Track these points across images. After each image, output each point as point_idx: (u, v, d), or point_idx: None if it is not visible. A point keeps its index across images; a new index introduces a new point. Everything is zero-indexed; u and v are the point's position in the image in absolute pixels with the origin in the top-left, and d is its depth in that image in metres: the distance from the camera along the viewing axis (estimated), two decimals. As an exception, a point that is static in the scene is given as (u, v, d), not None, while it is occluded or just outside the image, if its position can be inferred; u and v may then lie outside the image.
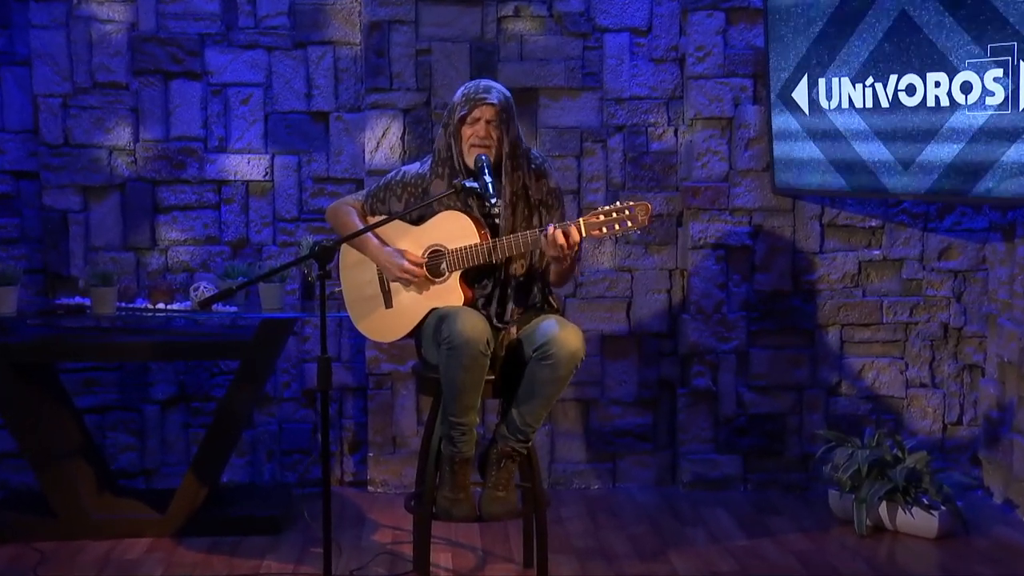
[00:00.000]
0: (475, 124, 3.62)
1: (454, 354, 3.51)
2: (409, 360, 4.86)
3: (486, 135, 3.61)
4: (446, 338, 3.52)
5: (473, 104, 3.60)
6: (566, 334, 3.54)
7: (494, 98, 3.60)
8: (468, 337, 3.49)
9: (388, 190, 3.78)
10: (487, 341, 3.51)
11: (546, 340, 3.53)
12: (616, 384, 5.00)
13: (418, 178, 3.74)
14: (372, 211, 3.82)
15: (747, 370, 4.91)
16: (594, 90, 4.90)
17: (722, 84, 4.85)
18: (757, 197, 4.89)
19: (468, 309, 3.61)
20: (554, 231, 3.45)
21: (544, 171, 3.72)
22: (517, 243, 3.58)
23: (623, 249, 4.98)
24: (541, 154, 3.78)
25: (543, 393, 3.58)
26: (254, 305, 4.46)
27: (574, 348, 3.53)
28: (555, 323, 3.58)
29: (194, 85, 4.94)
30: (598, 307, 4.98)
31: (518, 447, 3.67)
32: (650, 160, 4.94)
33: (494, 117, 3.61)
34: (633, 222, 3.42)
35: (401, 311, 3.77)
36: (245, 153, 4.98)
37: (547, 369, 3.55)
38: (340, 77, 4.96)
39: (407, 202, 3.74)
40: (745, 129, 4.87)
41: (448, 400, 3.59)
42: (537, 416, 3.63)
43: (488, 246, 3.59)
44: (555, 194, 3.74)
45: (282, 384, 5.04)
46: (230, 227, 5.00)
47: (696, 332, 4.90)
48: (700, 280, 4.90)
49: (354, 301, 3.85)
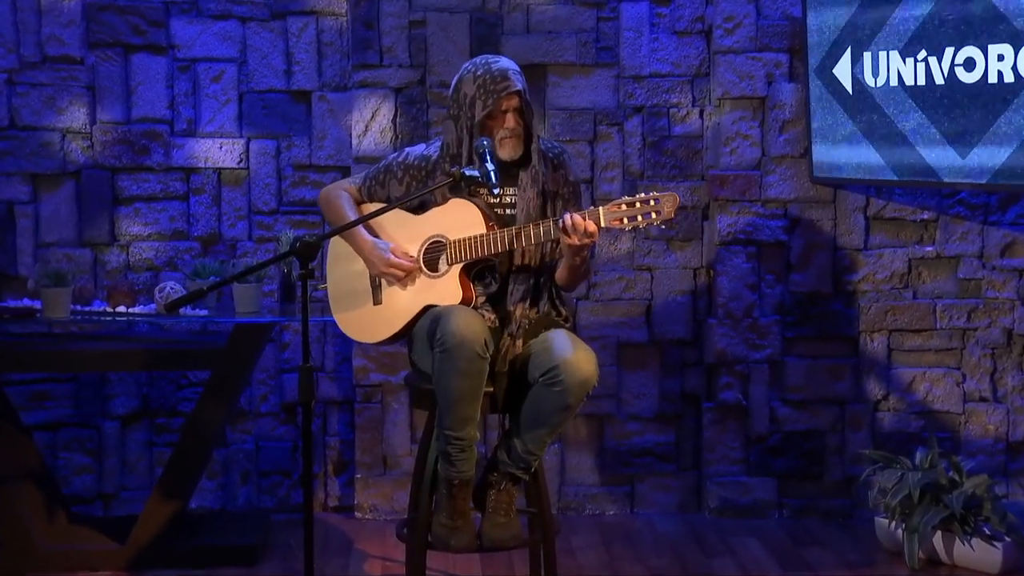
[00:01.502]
0: (501, 117, 3.62)
1: (448, 357, 3.48)
2: (401, 370, 4.83)
3: (515, 125, 3.62)
4: (439, 339, 3.49)
5: (497, 97, 3.59)
6: (578, 358, 3.51)
7: (517, 83, 3.60)
8: (463, 337, 3.46)
9: (388, 173, 3.78)
10: (485, 342, 3.49)
11: (555, 364, 3.50)
12: (634, 397, 4.99)
13: (423, 161, 3.75)
14: (370, 196, 3.82)
15: (782, 382, 4.89)
16: (609, 67, 4.90)
17: (754, 59, 4.85)
18: (793, 187, 4.88)
19: (465, 308, 3.59)
20: (571, 217, 3.46)
21: (562, 161, 3.74)
22: (528, 234, 3.56)
23: (642, 245, 4.96)
24: (559, 143, 3.82)
25: (548, 421, 3.56)
26: (227, 308, 4.47)
27: (586, 375, 3.51)
28: (567, 343, 3.56)
29: (158, 60, 4.93)
30: (613, 310, 4.97)
31: (520, 474, 3.67)
32: (672, 145, 4.93)
33: (519, 105, 3.63)
34: (658, 215, 3.42)
35: (390, 309, 3.76)
36: (217, 137, 4.96)
37: (554, 396, 3.53)
38: (324, 52, 4.96)
39: (409, 187, 3.74)
40: (780, 110, 4.85)
41: (444, 411, 3.55)
42: (541, 444, 3.62)
43: (495, 237, 3.58)
44: (573, 188, 3.76)
45: (259, 397, 5.04)
46: (200, 220, 4.99)
47: (724, 339, 4.89)
48: (728, 280, 4.89)
49: (339, 295, 3.85)
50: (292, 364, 5.00)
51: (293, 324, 4.83)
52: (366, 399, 4.92)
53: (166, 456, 4.88)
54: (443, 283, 3.69)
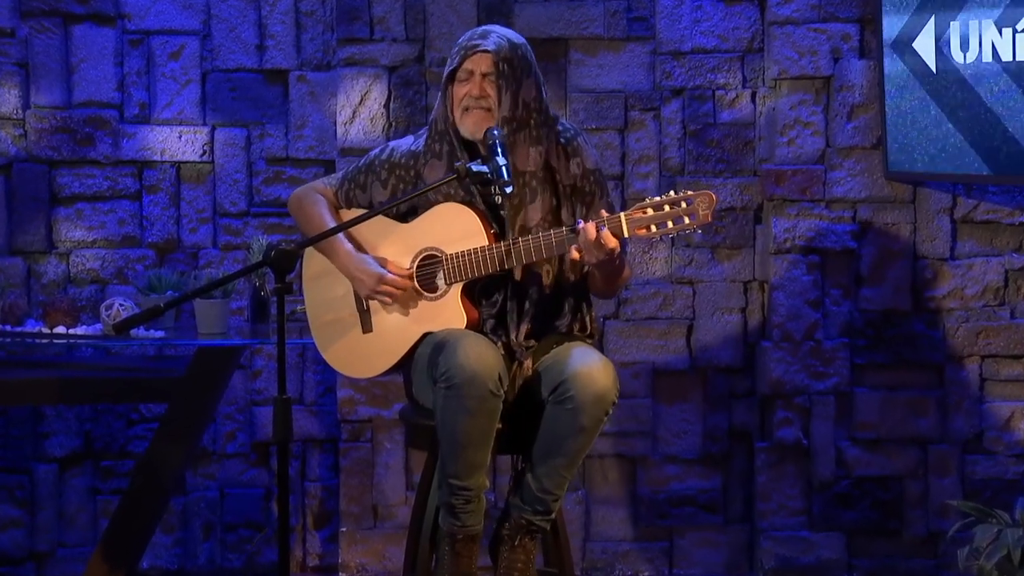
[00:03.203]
0: (467, 81, 3.65)
1: (455, 395, 3.49)
2: (396, 402, 4.78)
3: (481, 94, 3.63)
4: (444, 374, 3.49)
5: (464, 53, 3.64)
6: (590, 368, 3.54)
7: (490, 43, 3.64)
8: (473, 372, 3.47)
9: (370, 172, 3.81)
10: (499, 377, 3.50)
11: (564, 378, 3.54)
12: (673, 435, 4.98)
13: (409, 158, 3.77)
14: (348, 201, 3.84)
15: (850, 418, 4.87)
16: (644, 41, 4.90)
17: (817, 31, 4.84)
18: (864, 184, 4.85)
19: (473, 334, 3.60)
20: (588, 227, 3.48)
21: (577, 146, 3.74)
22: (539, 246, 3.57)
23: (682, 254, 4.95)
24: (573, 125, 3.82)
25: (564, 449, 3.57)
26: (187, 329, 4.50)
27: (601, 388, 3.52)
28: (578, 353, 3.60)
29: (105, 33, 4.94)
30: (648, 332, 4.95)
31: (537, 520, 3.65)
32: (718, 135, 4.93)
33: (491, 69, 3.63)
34: (692, 218, 3.44)
35: (384, 337, 3.76)
36: (175, 125, 4.98)
37: (566, 416, 3.55)
38: (303, 23, 4.97)
39: (394, 189, 3.77)
40: (848, 92, 4.84)
41: (448, 457, 3.56)
42: (558, 480, 3.62)
43: (500, 250, 3.59)
44: (593, 177, 3.75)
45: (224, 435, 5.03)
46: (155, 224, 5.00)
47: (780, 366, 4.86)
48: (786, 295, 4.87)
49: (321, 323, 3.85)
50: (265, 395, 5.03)
51: (266, 347, 4.89)
52: (353, 437, 4.92)
53: (112, 506, 4.83)
54: (442, 305, 3.69)
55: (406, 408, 3.88)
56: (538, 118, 3.68)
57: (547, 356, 3.67)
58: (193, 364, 4.38)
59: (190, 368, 4.39)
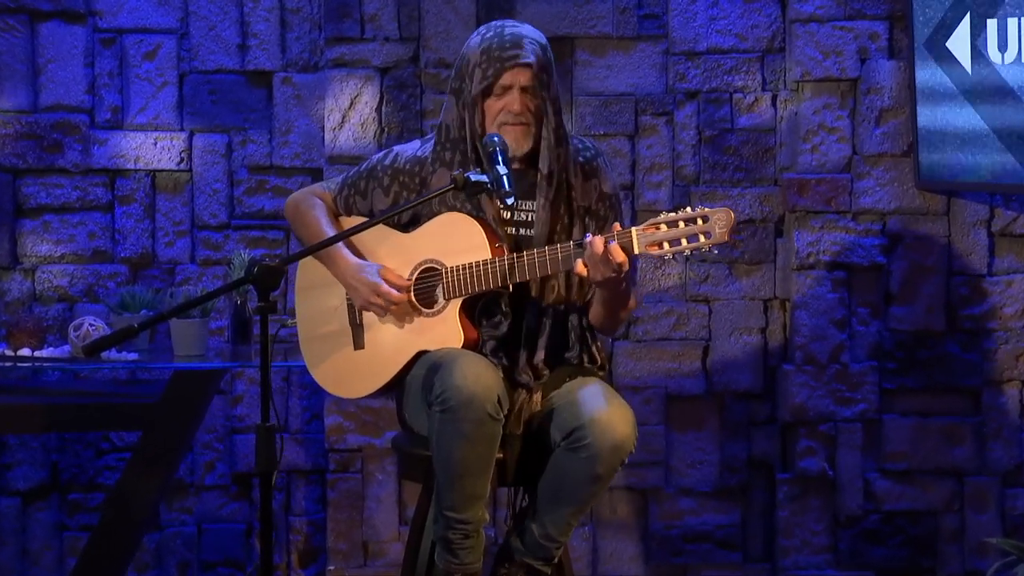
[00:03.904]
0: (506, 95, 3.64)
1: (451, 419, 3.48)
2: (387, 430, 4.77)
3: (522, 109, 3.64)
4: (439, 396, 3.47)
5: (501, 67, 3.62)
6: (611, 415, 3.53)
7: (529, 54, 3.63)
8: (471, 393, 3.46)
9: (371, 178, 3.80)
10: (498, 399, 3.48)
11: (580, 423, 3.52)
12: (687, 466, 4.96)
13: (415, 164, 3.76)
14: (347, 208, 3.84)
15: (880, 447, 4.85)
16: (656, 40, 4.89)
17: (843, 30, 4.82)
18: (894, 194, 4.83)
19: (470, 354, 3.59)
20: (596, 240, 3.47)
21: (596, 167, 3.76)
22: (543, 261, 3.56)
23: (697, 269, 4.93)
24: (594, 144, 3.83)
25: (574, 497, 3.56)
26: (163, 351, 4.52)
27: (620, 437, 3.52)
28: (597, 396, 3.59)
29: (75, 31, 4.93)
30: (661, 353, 4.94)
31: (539, 566, 3.64)
32: (736, 141, 4.91)
33: (531, 82, 3.64)
34: (707, 237, 3.42)
35: (376, 354, 3.75)
36: (150, 130, 4.97)
37: (580, 465, 3.53)
38: (288, 21, 4.96)
39: (397, 198, 3.75)
40: (876, 95, 4.82)
41: (444, 487, 3.55)
42: (564, 528, 3.61)
43: (502, 265, 3.58)
44: (610, 201, 3.76)
45: (203, 466, 5.01)
46: (128, 237, 4.98)
47: (804, 391, 4.84)
48: (809, 315, 4.84)
49: (311, 338, 3.85)
50: (247, 423, 5.01)
51: (248, 371, 4.90)
52: (342, 468, 4.90)
53: (81, 543, 4.82)
54: (439, 322, 3.68)
55: (399, 436, 3.84)
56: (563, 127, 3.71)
57: (558, 392, 3.66)
58: (169, 389, 4.35)
59: (166, 393, 4.35)
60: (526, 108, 3.63)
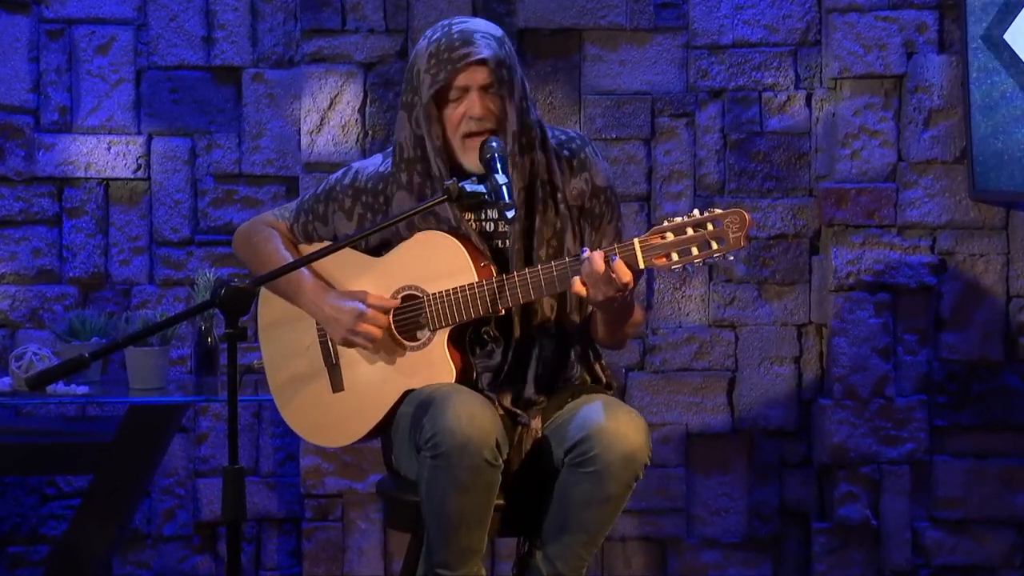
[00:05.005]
0: (463, 99, 3.61)
1: (443, 466, 3.44)
2: (371, 473, 4.83)
3: (484, 112, 3.60)
4: (430, 439, 3.43)
5: (452, 68, 3.60)
6: (618, 423, 3.49)
7: (482, 49, 3.61)
8: (466, 437, 3.42)
9: (331, 201, 3.78)
10: (496, 444, 3.44)
11: (585, 434, 3.49)
12: (711, 513, 4.97)
13: (378, 181, 3.74)
14: (306, 236, 3.82)
15: (929, 493, 4.87)
16: (675, 32, 4.92)
17: (886, 20, 4.84)
18: (945, 205, 4.85)
19: (465, 390, 3.55)
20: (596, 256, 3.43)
21: (584, 160, 3.73)
22: (537, 282, 3.53)
23: (721, 291, 4.96)
24: (579, 133, 3.81)
25: (583, 523, 3.51)
26: (117, 384, 4.51)
27: (631, 446, 3.48)
28: (601, 404, 3.56)
29: (18, 22, 4.97)
30: (681, 386, 4.96)
31: None
32: (766, 146, 4.93)
33: (488, 79, 3.60)
34: (720, 243, 3.38)
35: (357, 397, 3.72)
36: (103, 133, 5.00)
37: (587, 482, 3.48)
38: (260, 11, 5.01)
39: (361, 219, 3.74)
40: (925, 94, 4.83)
41: (436, 541, 3.52)
42: (575, 562, 3.56)
43: (491, 287, 3.55)
44: (604, 195, 3.73)
45: (162, 513, 5.01)
46: (78, 255, 5.01)
47: (843, 429, 4.83)
48: (849, 342, 4.83)
49: (282, 380, 3.82)
50: (212, 464, 5.03)
51: (214, 406, 4.92)
52: (320, 515, 4.92)
53: None
54: (426, 356, 3.66)
55: (384, 480, 3.80)
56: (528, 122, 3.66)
57: (560, 412, 3.62)
58: (123, 427, 4.35)
59: (120, 431, 4.36)
60: (488, 111, 3.59)
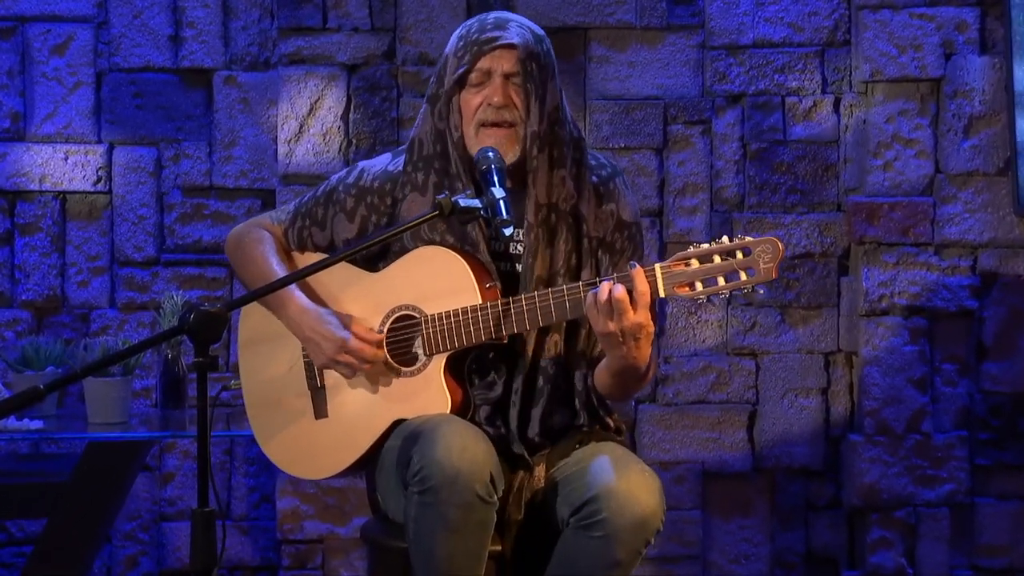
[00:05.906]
0: (483, 85, 3.54)
1: (432, 502, 3.37)
2: (355, 516, 4.87)
3: (504, 101, 3.52)
4: (417, 473, 3.37)
5: (478, 50, 3.53)
6: (630, 483, 3.44)
7: (512, 35, 3.55)
8: (456, 471, 3.36)
9: (332, 203, 3.71)
10: (491, 478, 3.39)
11: (594, 494, 3.44)
12: (730, 560, 5.01)
13: (385, 181, 3.65)
14: (300, 242, 3.75)
15: (971, 538, 4.89)
16: (690, 31, 4.96)
17: (922, 19, 4.86)
18: (987, 222, 4.87)
19: (458, 421, 3.49)
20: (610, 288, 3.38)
21: (613, 190, 3.67)
22: (546, 308, 3.48)
23: (741, 315, 5.00)
24: (609, 160, 3.74)
25: None
26: (75, 418, 4.53)
27: (643, 510, 3.43)
28: (610, 460, 3.51)
29: None
30: (696, 420, 4.97)
31: None
32: (790, 156, 4.95)
33: (515, 68, 3.53)
34: (750, 274, 3.35)
35: (342, 426, 3.66)
36: (59, 142, 5.03)
37: (594, 547, 3.43)
38: (233, 8, 5.05)
39: (364, 223, 3.66)
40: (964, 99, 4.85)
41: None
42: None
43: (495, 312, 3.49)
44: (629, 231, 3.68)
45: (124, 561, 5.05)
46: (32, 276, 5.05)
47: (875, 468, 4.86)
48: (882, 372, 4.86)
49: (260, 405, 3.76)
50: (179, 507, 5.06)
51: (181, 443, 4.98)
52: (298, 563, 4.94)
53: None
54: (421, 384, 3.59)
55: (369, 523, 3.72)
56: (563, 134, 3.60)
57: (566, 462, 3.55)
58: (81, 465, 4.33)
59: (77, 470, 4.34)
60: (511, 100, 3.52)
